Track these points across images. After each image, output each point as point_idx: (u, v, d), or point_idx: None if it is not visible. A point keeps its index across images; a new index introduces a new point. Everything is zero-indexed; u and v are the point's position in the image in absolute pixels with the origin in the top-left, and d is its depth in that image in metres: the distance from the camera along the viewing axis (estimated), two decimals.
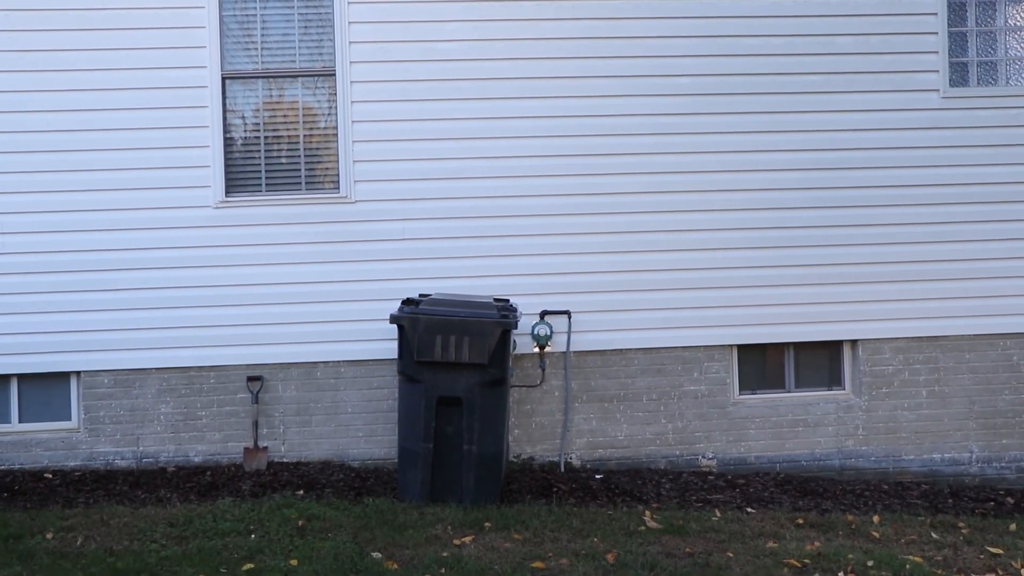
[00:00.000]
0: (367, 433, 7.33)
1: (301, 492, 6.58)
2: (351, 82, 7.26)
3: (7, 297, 7.09)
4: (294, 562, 5.18)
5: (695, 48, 7.44)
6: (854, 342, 7.64)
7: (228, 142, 7.28)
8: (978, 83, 7.75)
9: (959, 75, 7.71)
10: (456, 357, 6.27)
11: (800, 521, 6.22)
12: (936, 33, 7.57)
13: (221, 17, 7.23)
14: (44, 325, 7.11)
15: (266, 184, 7.35)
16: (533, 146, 7.35)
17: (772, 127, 7.47)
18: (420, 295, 6.91)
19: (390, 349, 6.86)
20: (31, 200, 7.11)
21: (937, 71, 7.58)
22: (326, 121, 7.41)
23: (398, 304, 6.67)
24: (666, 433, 7.50)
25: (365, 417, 7.33)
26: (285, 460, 7.28)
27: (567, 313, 7.35)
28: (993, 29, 7.77)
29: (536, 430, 7.43)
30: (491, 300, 6.76)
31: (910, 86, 7.56)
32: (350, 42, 7.26)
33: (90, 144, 7.13)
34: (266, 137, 7.36)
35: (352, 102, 7.26)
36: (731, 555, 5.45)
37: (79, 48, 7.12)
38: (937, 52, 7.57)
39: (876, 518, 6.38)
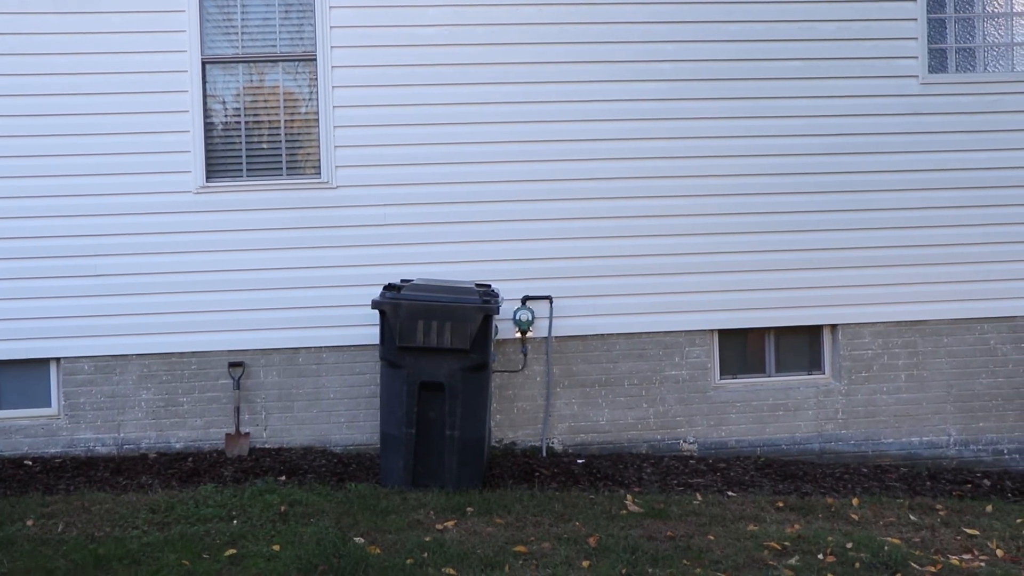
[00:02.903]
0: (349, 419, 7.33)
1: (283, 478, 6.57)
2: (332, 67, 7.23)
3: None
4: (276, 547, 5.18)
5: (677, 34, 7.44)
6: (834, 327, 7.69)
7: (208, 127, 7.24)
8: (957, 69, 7.79)
9: (938, 61, 7.76)
10: (438, 343, 6.27)
11: (780, 504, 6.27)
12: (915, 19, 7.61)
13: (201, 0, 7.17)
14: (22, 311, 7.07)
15: (247, 170, 7.31)
16: (514, 131, 7.34)
17: (753, 113, 7.49)
18: (402, 281, 6.91)
19: (372, 335, 6.85)
20: (7, 186, 7.05)
21: (916, 57, 7.62)
22: (307, 106, 7.38)
23: (380, 290, 6.65)
24: (647, 418, 7.53)
25: (347, 403, 7.33)
26: (267, 446, 7.27)
27: (549, 298, 7.36)
28: (971, 16, 7.81)
29: (518, 415, 7.45)
30: (473, 285, 6.76)
31: (890, 72, 7.60)
32: (331, 27, 7.22)
33: (68, 129, 7.08)
34: (247, 122, 7.32)
35: (333, 87, 7.23)
36: (712, 538, 5.49)
37: (54, 31, 7.05)
38: (916, 38, 7.61)
39: (855, 501, 6.44)
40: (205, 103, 7.21)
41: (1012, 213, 7.69)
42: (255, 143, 7.35)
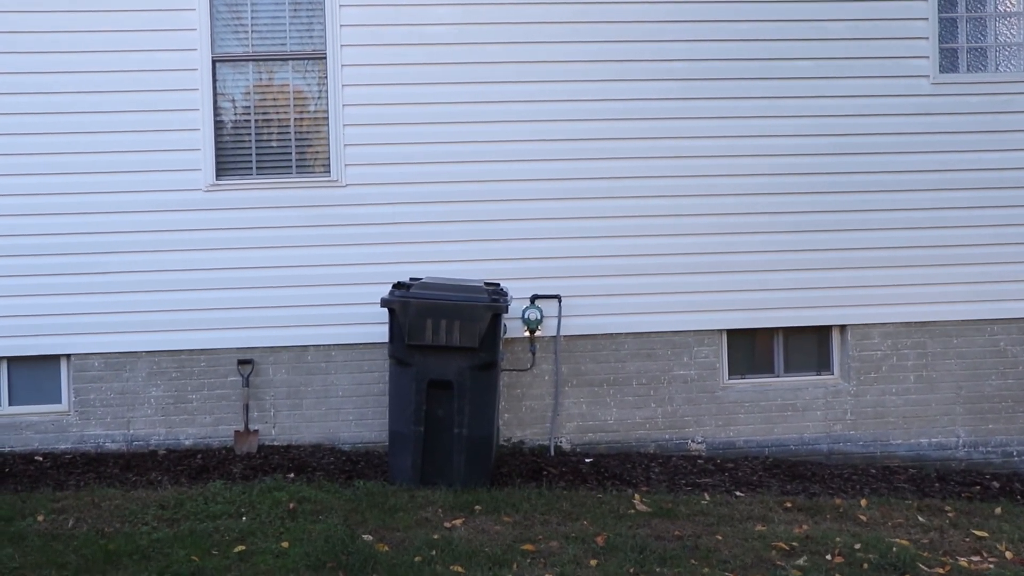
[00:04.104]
0: (358, 416, 7.35)
1: (292, 475, 6.59)
2: (342, 65, 7.24)
3: None
4: (285, 544, 5.19)
5: (687, 33, 7.43)
6: (843, 327, 7.68)
7: (218, 125, 7.26)
8: (968, 69, 7.77)
9: (949, 61, 7.73)
10: (447, 341, 6.28)
11: (788, 505, 6.26)
12: (927, 19, 7.58)
13: None
14: (34, 308, 7.09)
15: (256, 168, 7.33)
16: (524, 130, 7.34)
17: (763, 112, 7.48)
18: (411, 279, 6.92)
19: (381, 333, 6.86)
20: (20, 182, 7.08)
21: (927, 57, 7.59)
22: (316, 105, 7.40)
23: (389, 288, 6.66)
24: (656, 417, 7.53)
25: (356, 401, 7.34)
26: (276, 443, 7.29)
27: (557, 297, 7.36)
28: (983, 15, 7.79)
29: (526, 414, 7.46)
30: (482, 284, 6.77)
31: (900, 72, 7.58)
32: (341, 25, 7.23)
33: (80, 127, 7.10)
34: (256, 120, 7.34)
35: (343, 85, 7.24)
36: (720, 538, 5.49)
37: (68, 30, 7.07)
38: (927, 38, 7.59)
39: (864, 502, 6.43)
40: (215, 101, 7.23)
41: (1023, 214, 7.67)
42: (265, 141, 7.37)
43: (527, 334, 7.28)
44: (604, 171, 7.39)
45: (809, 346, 7.77)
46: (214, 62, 7.21)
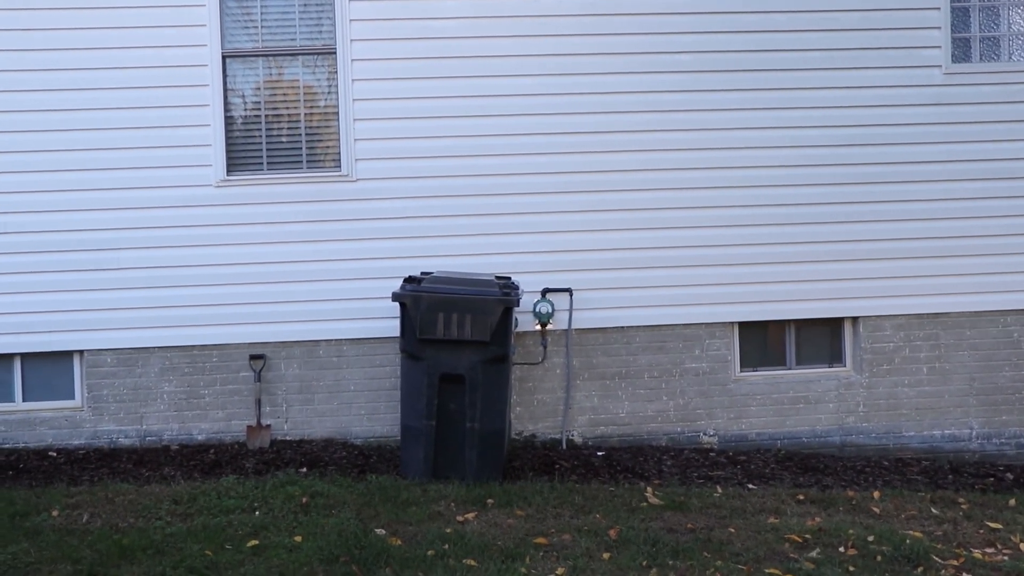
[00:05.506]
0: (369, 411, 7.36)
1: (304, 469, 6.60)
2: (351, 60, 7.24)
3: (9, 277, 7.10)
4: (298, 539, 5.20)
5: (696, 25, 7.40)
6: (855, 319, 7.65)
7: (229, 121, 7.27)
8: (980, 59, 7.72)
9: (961, 51, 7.69)
10: (458, 335, 6.28)
11: (801, 497, 6.25)
12: (938, 8, 7.54)
13: None
14: (46, 304, 7.12)
15: (267, 163, 7.34)
16: (533, 124, 7.33)
17: (773, 104, 7.45)
18: (422, 273, 6.92)
19: (392, 327, 6.87)
20: (32, 180, 7.09)
21: (939, 47, 7.55)
22: (326, 99, 7.40)
23: (400, 282, 6.67)
24: (667, 410, 7.52)
25: (367, 395, 7.35)
26: (288, 438, 7.30)
27: (568, 291, 7.36)
28: (996, 4, 7.74)
29: (538, 407, 7.46)
30: (493, 278, 6.77)
31: (912, 62, 7.54)
32: (350, 20, 7.23)
33: (90, 124, 7.11)
34: (267, 116, 7.35)
35: (353, 80, 7.24)
36: (733, 531, 5.48)
37: (79, 27, 7.08)
38: (939, 27, 7.54)
39: (876, 494, 6.41)
40: (225, 97, 7.24)
41: None
42: (275, 136, 7.37)
43: (538, 328, 7.28)
44: (614, 164, 7.37)
45: (821, 338, 7.75)
46: (224, 58, 7.22)
